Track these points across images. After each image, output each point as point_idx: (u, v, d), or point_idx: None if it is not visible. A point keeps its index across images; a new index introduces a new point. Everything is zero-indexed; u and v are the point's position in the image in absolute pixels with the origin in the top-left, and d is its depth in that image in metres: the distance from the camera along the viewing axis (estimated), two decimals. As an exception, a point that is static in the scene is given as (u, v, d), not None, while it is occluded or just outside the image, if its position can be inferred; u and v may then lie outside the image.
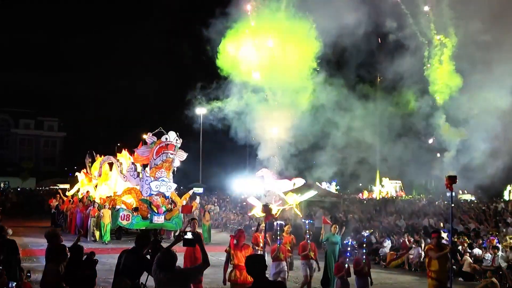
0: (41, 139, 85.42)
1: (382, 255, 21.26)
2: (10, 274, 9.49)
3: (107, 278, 9.57)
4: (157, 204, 24.50)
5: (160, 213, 24.44)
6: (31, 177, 69.30)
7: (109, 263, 11.70)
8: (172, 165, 24.83)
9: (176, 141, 24.44)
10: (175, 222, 24.99)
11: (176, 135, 24.46)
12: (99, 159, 29.43)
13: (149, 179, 24.52)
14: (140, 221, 24.30)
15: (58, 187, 58.96)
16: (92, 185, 29.90)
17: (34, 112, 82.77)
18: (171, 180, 25.01)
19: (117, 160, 27.24)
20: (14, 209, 40.61)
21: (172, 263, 6.34)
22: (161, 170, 24.58)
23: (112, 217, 24.47)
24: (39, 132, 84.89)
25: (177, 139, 24.47)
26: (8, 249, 10.14)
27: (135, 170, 25.41)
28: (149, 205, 24.48)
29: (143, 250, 7.95)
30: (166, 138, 24.28)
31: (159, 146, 24.34)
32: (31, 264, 15.08)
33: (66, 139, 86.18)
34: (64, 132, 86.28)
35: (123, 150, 28.41)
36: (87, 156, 31.78)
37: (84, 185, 31.07)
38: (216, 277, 12.48)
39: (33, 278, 10.77)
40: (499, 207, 28.60)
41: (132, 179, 25.36)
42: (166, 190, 24.83)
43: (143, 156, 24.97)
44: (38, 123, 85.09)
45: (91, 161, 30.94)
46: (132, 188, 25.16)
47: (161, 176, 24.63)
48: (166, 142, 24.24)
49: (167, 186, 24.78)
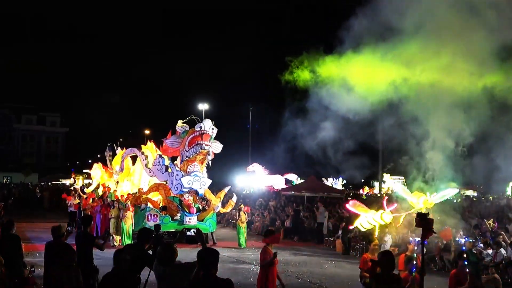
0: (43, 135, 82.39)
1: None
2: (15, 269, 9.11)
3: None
4: (188, 202, 20.09)
5: (192, 213, 19.99)
6: (33, 173, 65.21)
7: (111, 258, 8.99)
8: (207, 158, 20.29)
9: (212, 131, 19.95)
10: (209, 224, 20.57)
11: (212, 124, 19.95)
12: (121, 152, 24.86)
13: (180, 173, 19.98)
14: (169, 222, 19.80)
15: (60, 182, 56.38)
16: (113, 181, 25.36)
17: (36, 108, 79.97)
18: (205, 175, 20.51)
19: (142, 152, 22.60)
20: (15, 205, 38.43)
21: (172, 258, 6.31)
22: (194, 164, 20.04)
23: (137, 217, 20.02)
24: (41, 127, 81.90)
25: (212, 128, 19.96)
26: (12, 244, 9.74)
27: (163, 163, 20.82)
28: (179, 203, 20.07)
29: (145, 246, 7.78)
30: (201, 127, 19.68)
31: (192, 136, 19.78)
32: (33, 259, 14.26)
33: (69, 134, 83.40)
34: (66, 127, 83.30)
35: (149, 141, 23.85)
36: (107, 149, 27.11)
37: (103, 181, 26.41)
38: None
39: (37, 273, 9.96)
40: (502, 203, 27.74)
41: (160, 174, 20.77)
42: (200, 187, 20.27)
43: (173, 148, 20.49)
44: (40, 119, 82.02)
45: (112, 154, 26.29)
46: (159, 184, 20.72)
47: (194, 171, 20.09)
48: (201, 132, 19.63)
49: (200, 182, 20.21)
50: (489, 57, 13.72)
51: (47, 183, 57.36)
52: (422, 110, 16.46)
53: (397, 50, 15.22)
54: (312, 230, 27.01)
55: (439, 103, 15.46)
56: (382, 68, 15.61)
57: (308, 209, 30.53)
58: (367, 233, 22.69)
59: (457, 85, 15.41)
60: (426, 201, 9.86)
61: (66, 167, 69.10)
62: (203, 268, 5.58)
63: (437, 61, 15.51)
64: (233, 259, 18.25)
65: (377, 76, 16.07)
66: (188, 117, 20.52)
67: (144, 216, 19.69)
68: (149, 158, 22.04)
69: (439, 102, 15.47)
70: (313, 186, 33.87)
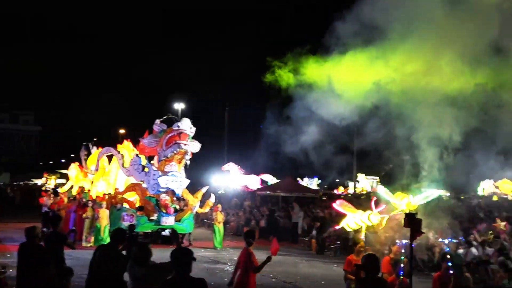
0: (16, 133, 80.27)
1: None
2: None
3: (82, 273, 8.13)
4: (165, 203, 19.75)
5: (169, 213, 19.66)
6: (5, 172, 63.78)
7: (83, 258, 10.36)
8: (184, 158, 20.00)
9: (190, 130, 19.66)
10: (186, 224, 20.28)
11: (190, 123, 19.68)
12: (97, 151, 24.33)
13: (157, 173, 19.70)
14: (145, 223, 19.44)
15: (32, 181, 55.33)
16: (88, 180, 24.83)
17: (9, 106, 77.24)
18: (183, 175, 20.22)
19: (118, 152, 22.18)
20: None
21: (147, 258, 6.29)
22: (171, 163, 19.79)
23: (113, 217, 19.61)
24: (14, 126, 79.77)
25: (191, 127, 19.68)
26: None
27: (139, 163, 20.46)
28: (156, 204, 19.73)
29: (119, 246, 7.53)
30: (179, 126, 19.43)
31: (170, 135, 19.53)
32: (5, 260, 14.36)
33: (42, 133, 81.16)
34: (40, 126, 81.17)
35: (125, 140, 23.43)
36: (82, 148, 26.53)
37: (79, 181, 25.82)
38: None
39: (8, 273, 10.34)
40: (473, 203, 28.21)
41: (136, 174, 20.41)
42: (177, 187, 20.01)
43: (150, 147, 20.22)
44: (13, 117, 79.96)
45: (87, 154, 25.74)
46: (136, 184, 20.37)
47: (172, 170, 19.83)
48: (179, 131, 19.40)
49: (178, 182, 19.97)
50: (468, 59, 13.79)
51: (19, 183, 56.26)
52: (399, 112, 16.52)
53: (380, 51, 15.26)
54: (287, 229, 27.11)
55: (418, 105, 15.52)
56: (365, 69, 15.62)
57: (283, 209, 30.59)
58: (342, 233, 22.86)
59: (435, 87, 15.47)
60: (409, 203, 9.71)
61: (39, 166, 67.67)
62: (177, 267, 5.55)
63: (415, 63, 15.60)
64: (207, 259, 18.11)
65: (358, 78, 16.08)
66: (166, 116, 20.26)
67: (120, 217, 19.27)
68: (126, 157, 21.66)
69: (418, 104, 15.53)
70: (288, 186, 33.89)
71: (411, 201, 9.75)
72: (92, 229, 19.79)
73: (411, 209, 9.74)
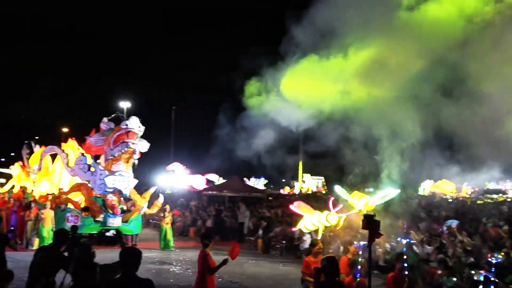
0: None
1: (303, 249, 19.92)
2: None
3: (23, 276, 7.86)
4: (112, 203, 19.23)
5: (116, 214, 19.16)
6: None
7: (24, 260, 9.59)
8: (132, 157, 19.52)
9: (139, 129, 19.22)
10: (133, 225, 19.82)
11: (138, 121, 19.23)
12: (40, 150, 23.40)
13: (103, 173, 19.13)
14: (91, 224, 18.88)
15: None
16: (30, 180, 23.82)
17: None
18: (130, 174, 19.74)
19: (62, 150, 21.41)
20: None
21: (90, 259, 6.18)
22: (118, 163, 19.26)
23: (57, 218, 18.94)
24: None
25: (139, 126, 19.24)
26: None
27: (85, 162, 19.80)
28: (103, 204, 19.18)
29: (61, 247, 7.40)
30: (127, 125, 18.93)
31: (117, 134, 18.99)
32: None
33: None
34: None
35: (70, 139, 22.65)
36: (24, 147, 25.43)
37: (20, 181, 24.74)
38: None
39: None
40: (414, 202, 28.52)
41: (82, 173, 19.74)
42: (125, 187, 19.51)
43: (97, 146, 19.59)
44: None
45: (30, 152, 24.69)
46: (81, 184, 19.72)
47: (119, 170, 19.31)
48: (127, 129, 18.91)
49: (126, 182, 19.47)
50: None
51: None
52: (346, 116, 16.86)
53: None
54: (233, 229, 27.15)
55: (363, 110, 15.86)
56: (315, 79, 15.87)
57: (230, 209, 30.58)
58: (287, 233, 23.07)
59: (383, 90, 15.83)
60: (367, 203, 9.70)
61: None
62: (125, 267, 5.48)
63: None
64: (153, 260, 17.82)
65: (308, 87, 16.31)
66: (114, 114, 19.76)
67: (64, 218, 18.62)
68: (71, 156, 20.94)
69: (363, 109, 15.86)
70: (235, 186, 33.91)
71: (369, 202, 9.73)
72: (35, 231, 19.06)
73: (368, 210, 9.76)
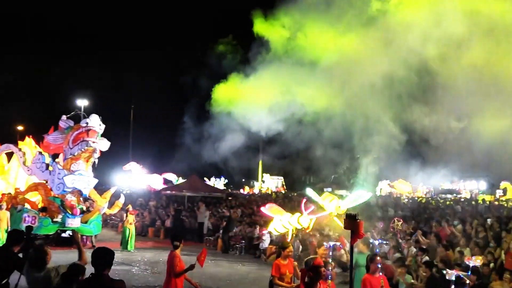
0: None
1: (262, 249, 21.30)
2: None
3: None
4: (71, 203, 18.65)
5: (75, 214, 18.58)
6: None
7: None
8: (93, 156, 18.97)
9: (99, 127, 18.71)
10: (93, 226, 19.29)
11: (99, 119, 18.72)
12: (-5, 148, 22.42)
13: (62, 172, 18.48)
14: (49, 224, 18.23)
15: None
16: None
17: None
18: (90, 174, 19.20)
19: (19, 149, 20.60)
20: None
21: (44, 260, 6.03)
22: (78, 162, 18.64)
23: (13, 219, 18.30)
24: None
25: (100, 124, 18.73)
26: None
27: (43, 161, 19.11)
28: (61, 204, 18.58)
29: (15, 248, 7.20)
30: (87, 123, 18.39)
31: (77, 132, 18.40)
32: None
33: None
34: None
35: (27, 137, 21.85)
36: None
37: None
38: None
39: None
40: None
41: (39, 173, 19.06)
42: (84, 187, 18.95)
43: (56, 144, 18.91)
44: None
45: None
46: (39, 184, 19.03)
47: (78, 169, 18.71)
48: (87, 128, 18.36)
49: (85, 182, 18.91)
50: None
51: None
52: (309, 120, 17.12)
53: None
54: (192, 229, 27.09)
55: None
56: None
57: (189, 209, 30.42)
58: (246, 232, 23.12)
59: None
60: (338, 207, 9.66)
61: None
62: (96, 267, 5.44)
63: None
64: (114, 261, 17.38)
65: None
66: (73, 112, 19.18)
67: (21, 218, 17.97)
68: (28, 155, 20.20)
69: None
70: (194, 186, 33.77)
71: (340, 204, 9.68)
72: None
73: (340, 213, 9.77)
